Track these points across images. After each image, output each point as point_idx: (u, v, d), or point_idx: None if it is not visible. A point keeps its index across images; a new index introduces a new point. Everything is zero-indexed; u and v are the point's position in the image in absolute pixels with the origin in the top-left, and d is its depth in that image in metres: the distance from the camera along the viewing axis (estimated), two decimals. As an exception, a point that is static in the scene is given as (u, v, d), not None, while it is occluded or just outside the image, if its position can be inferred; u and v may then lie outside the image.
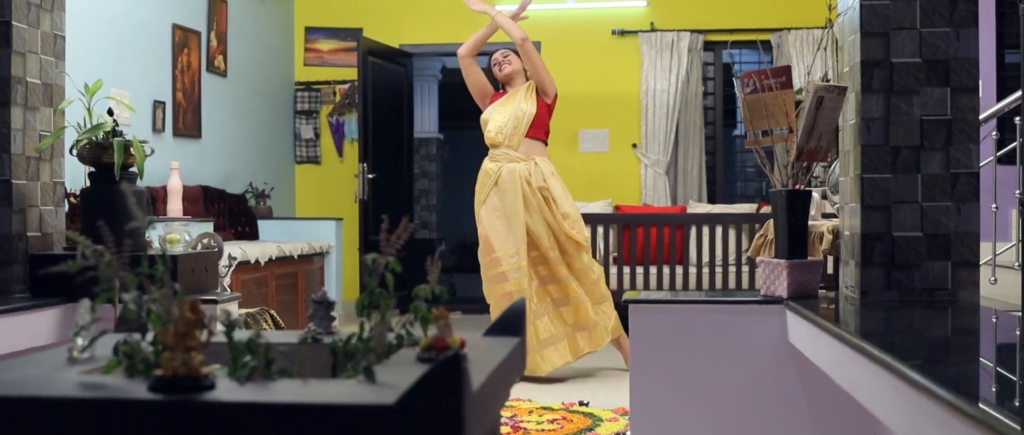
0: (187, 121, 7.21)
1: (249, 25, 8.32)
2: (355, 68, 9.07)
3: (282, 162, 9.11)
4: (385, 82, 8.83)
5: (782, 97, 3.35)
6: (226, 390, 1.59)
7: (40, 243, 3.69)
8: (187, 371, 1.59)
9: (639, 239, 7.31)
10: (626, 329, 5.67)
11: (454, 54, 10.12)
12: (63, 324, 3.49)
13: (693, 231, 7.30)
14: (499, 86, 6.01)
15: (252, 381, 1.68)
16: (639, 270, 7.25)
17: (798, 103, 7.75)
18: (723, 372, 3.33)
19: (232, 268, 4.90)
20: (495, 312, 5.47)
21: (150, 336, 1.90)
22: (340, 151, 9.32)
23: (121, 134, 3.54)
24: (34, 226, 3.66)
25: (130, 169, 3.57)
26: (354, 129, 9.22)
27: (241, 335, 1.83)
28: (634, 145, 9.03)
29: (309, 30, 9.36)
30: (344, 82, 9.28)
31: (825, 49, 8.61)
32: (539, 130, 5.73)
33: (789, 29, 8.84)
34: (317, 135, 9.34)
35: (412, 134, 9.46)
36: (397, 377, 1.71)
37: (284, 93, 9.18)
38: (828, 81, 8.26)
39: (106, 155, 3.50)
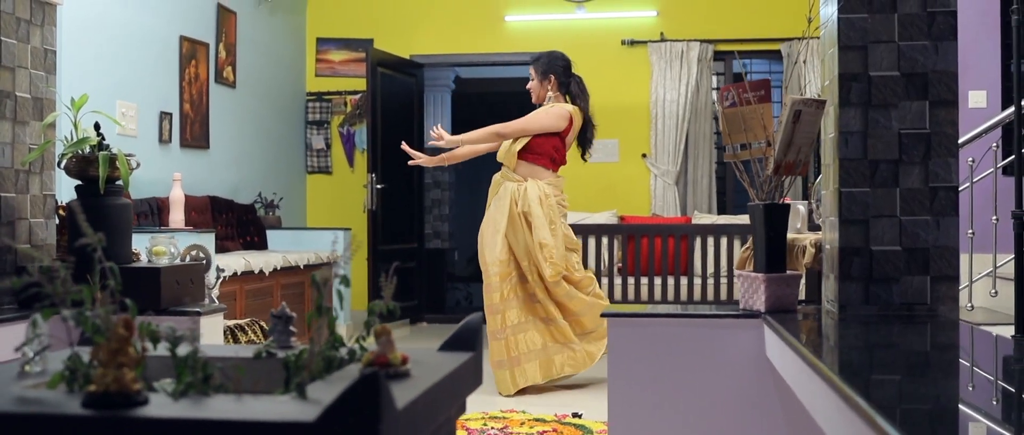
0: (195, 132, 7.27)
1: (260, 36, 8.38)
2: (365, 78, 9.11)
3: (293, 172, 9.16)
4: (395, 93, 8.88)
5: (760, 111, 3.35)
6: (157, 406, 1.61)
7: (30, 255, 3.74)
8: (119, 387, 1.61)
9: (643, 250, 7.31)
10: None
11: (465, 65, 10.20)
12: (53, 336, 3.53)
13: (698, 242, 7.29)
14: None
15: (187, 397, 1.71)
16: (644, 281, 7.25)
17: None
18: (701, 386, 3.33)
19: (221, 280, 4.94)
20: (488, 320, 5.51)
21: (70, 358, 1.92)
22: (351, 161, 9.37)
23: (107, 148, 3.58)
24: (24, 238, 3.71)
25: (116, 182, 3.61)
26: (365, 139, 9.26)
27: (183, 351, 1.86)
28: (643, 155, 9.03)
29: (320, 41, 9.42)
30: (355, 92, 9.33)
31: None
32: (540, 157, 5.75)
33: (800, 39, 8.81)
34: (328, 145, 9.39)
35: (422, 144, 9.49)
36: (330, 393, 1.73)
37: (295, 104, 9.23)
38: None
39: (91, 168, 3.55)
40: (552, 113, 5.79)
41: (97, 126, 3.62)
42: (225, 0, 7.72)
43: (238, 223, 7.54)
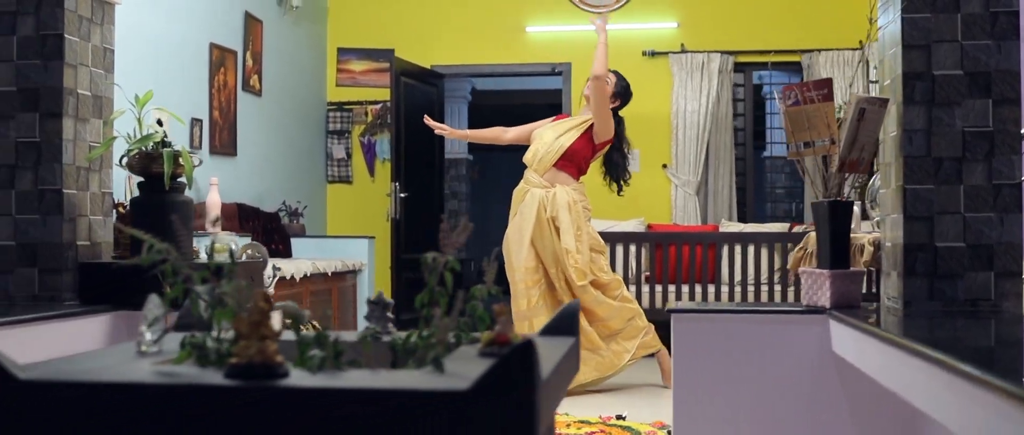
0: (223, 139, 7.29)
1: (284, 45, 8.42)
2: (386, 88, 9.15)
3: (314, 181, 9.18)
4: (417, 102, 8.90)
5: (823, 109, 3.38)
6: (301, 378, 1.63)
7: (89, 252, 3.75)
8: (263, 358, 1.63)
9: (671, 258, 7.33)
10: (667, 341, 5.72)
11: (483, 75, 10.24)
12: (112, 331, 3.55)
13: (725, 250, 7.31)
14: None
15: (323, 371, 1.72)
16: (671, 288, 7.27)
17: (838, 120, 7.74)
18: (765, 382, 3.35)
19: (276, 279, 4.96)
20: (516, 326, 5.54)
21: (216, 332, 1.94)
22: (371, 171, 9.39)
23: (170, 145, 3.60)
24: (83, 235, 3.72)
25: (178, 179, 3.63)
26: (386, 149, 9.29)
27: (307, 331, 1.88)
28: (664, 166, 9.06)
29: (341, 51, 9.45)
30: (376, 102, 9.36)
31: (863, 65, 8.63)
32: (570, 164, 5.80)
33: (820, 50, 8.86)
34: (349, 155, 9.41)
35: (443, 154, 9.52)
36: (464, 369, 1.74)
37: (316, 113, 9.26)
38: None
39: (155, 165, 3.57)
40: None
41: (159, 123, 3.64)
42: (252, 8, 7.76)
43: (264, 230, 7.55)
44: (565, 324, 2.29)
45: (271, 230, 7.69)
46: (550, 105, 12.33)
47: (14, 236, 3.62)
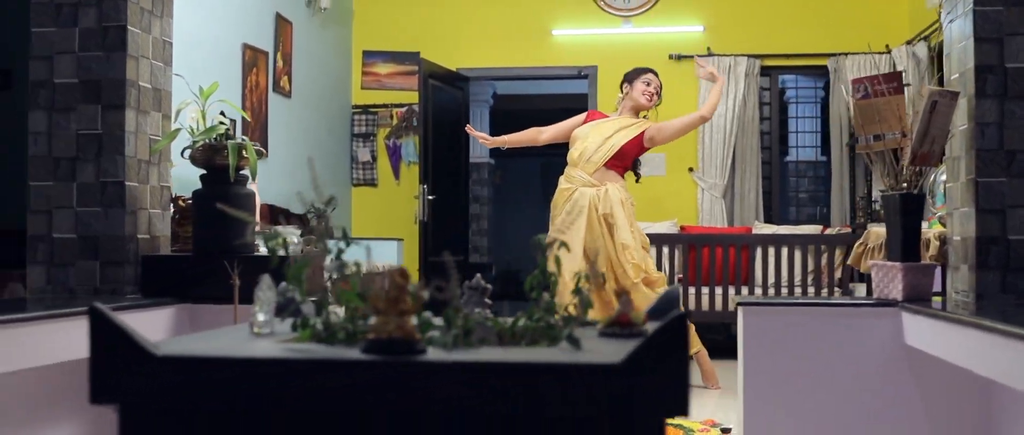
0: (255, 140, 7.27)
1: (312, 47, 8.41)
2: (411, 92, 9.14)
3: (339, 184, 9.17)
4: (444, 105, 8.90)
5: (894, 102, 3.36)
6: (441, 354, 1.61)
7: (148, 246, 3.73)
8: (402, 334, 1.61)
9: (704, 259, 7.31)
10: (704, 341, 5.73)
11: (507, 79, 10.22)
12: (176, 323, 3.53)
13: (758, 252, 7.29)
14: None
15: (457, 348, 1.70)
16: (705, 290, 7.24)
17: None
18: (835, 374, 3.32)
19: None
20: None
21: (335, 312, 1.92)
22: (396, 174, 9.38)
23: (233, 137, 3.59)
24: (144, 229, 3.71)
25: (241, 172, 3.61)
26: (411, 152, 9.27)
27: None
28: (690, 169, 9.04)
29: (366, 54, 9.44)
30: (401, 105, 9.35)
31: (891, 69, 8.61)
32: (619, 163, 5.80)
33: (846, 54, 8.85)
34: (374, 158, 9.40)
35: (469, 157, 9.51)
36: (596, 346, 1.72)
37: (342, 116, 9.25)
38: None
39: (219, 157, 3.55)
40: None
41: (222, 114, 3.63)
42: (283, 9, 7.75)
43: (294, 232, 7.53)
44: (666, 310, 2.27)
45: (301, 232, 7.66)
46: (572, 109, 12.34)
47: (75, 229, 3.61)
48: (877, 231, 4.06)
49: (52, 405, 3.23)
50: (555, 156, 14.82)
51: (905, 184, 3.32)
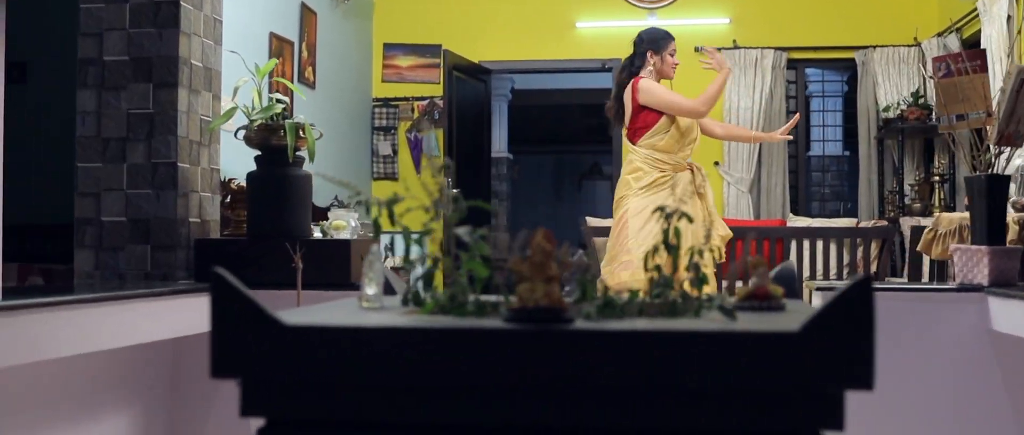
0: (281, 131, 7.16)
1: (334, 39, 8.29)
2: (432, 84, 9.03)
3: (360, 177, 9.05)
4: (467, 98, 8.79)
5: (978, 80, 3.25)
6: (592, 324, 1.49)
7: (199, 229, 3.62)
8: (550, 301, 1.49)
9: (738, 253, 7.19)
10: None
11: (529, 72, 10.11)
12: (231, 309, 3.41)
13: (793, 245, 7.18)
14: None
15: (602, 318, 1.59)
16: (738, 285, 7.13)
17: (888, 121, 7.56)
18: (919, 361, 3.21)
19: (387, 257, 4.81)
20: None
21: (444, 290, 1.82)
22: (418, 167, 9.26)
23: (291, 117, 3.47)
24: (195, 212, 3.59)
25: (298, 153, 3.50)
26: (433, 145, 9.16)
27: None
28: (716, 163, 8.93)
29: (387, 46, 9.32)
30: (422, 98, 9.23)
31: (919, 62, 8.51)
32: (630, 132, 5.39)
33: (874, 47, 8.74)
34: (395, 151, 9.28)
35: (490, 151, 9.40)
36: (744, 319, 1.61)
37: (363, 108, 9.13)
38: (923, 98, 8.17)
39: (275, 138, 3.43)
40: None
41: (278, 91, 3.51)
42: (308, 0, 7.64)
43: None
44: (787, 283, 2.16)
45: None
46: (594, 106, 12.20)
47: (125, 211, 3.49)
48: (948, 216, 3.95)
49: (105, 391, 3.11)
50: (567, 153, 14.75)
51: (995, 165, 3.21)
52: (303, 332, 1.47)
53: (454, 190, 2.03)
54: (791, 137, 5.80)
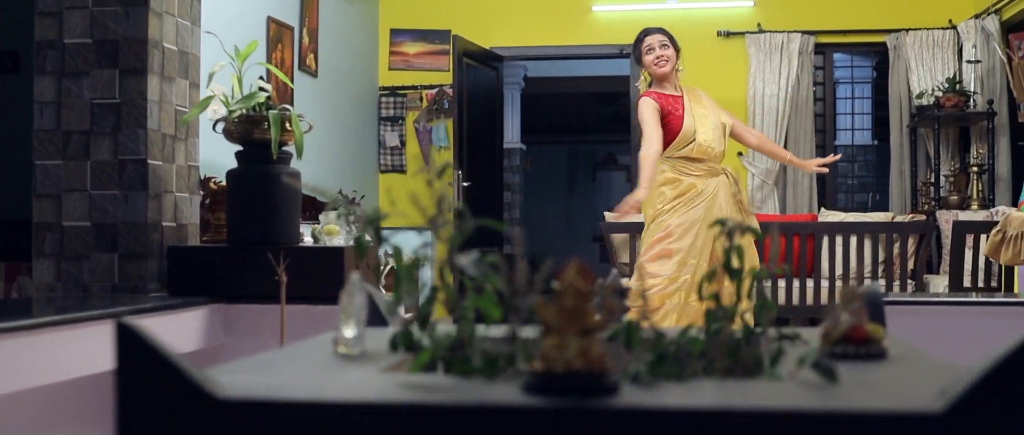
0: (280, 122, 6.75)
1: (338, 24, 7.87)
2: (441, 72, 8.61)
3: (366, 170, 8.63)
4: (478, 85, 8.36)
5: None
6: (643, 394, 1.08)
7: (175, 235, 3.21)
8: (587, 364, 1.07)
9: (766, 249, 6.76)
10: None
11: (543, 58, 9.65)
12: (207, 327, 3.00)
13: (825, 241, 6.74)
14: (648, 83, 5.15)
15: (654, 380, 1.17)
16: (767, 283, 6.70)
17: (922, 109, 7.11)
18: None
19: (389, 265, 4.40)
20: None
21: (438, 328, 1.42)
22: (427, 160, 8.83)
23: (275, 107, 3.05)
24: (170, 215, 3.18)
25: (285, 148, 3.08)
26: (442, 136, 8.74)
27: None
28: (740, 154, 8.48)
29: (394, 32, 8.90)
30: (431, 87, 8.80)
31: (955, 45, 8.05)
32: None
33: (907, 30, 8.28)
34: (403, 143, 8.85)
35: (502, 142, 8.98)
36: (844, 376, 1.19)
37: (368, 98, 8.71)
38: (959, 84, 7.71)
39: (258, 130, 3.02)
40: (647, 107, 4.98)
41: (263, 79, 3.09)
42: (309, -18, 7.22)
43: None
44: (876, 314, 1.74)
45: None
46: (610, 94, 11.78)
47: (89, 215, 3.08)
48: (1019, 216, 3.52)
49: (52, 429, 2.71)
50: (581, 143, 14.31)
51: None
52: (240, 409, 1.05)
53: (459, 204, 1.58)
54: (826, 170, 5.40)
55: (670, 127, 4.90)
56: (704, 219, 4.72)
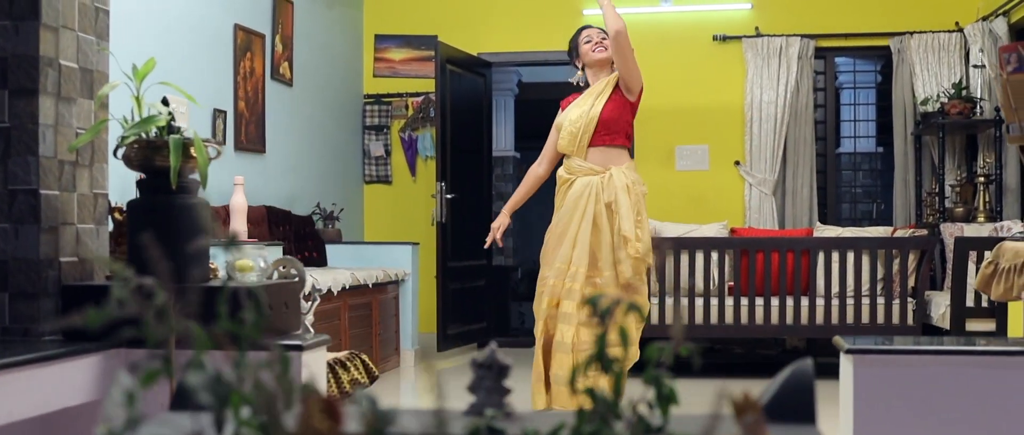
0: (250, 134, 6.45)
1: (316, 30, 7.57)
2: (428, 79, 8.30)
3: (350, 182, 8.33)
4: (464, 93, 8.05)
5: (1059, 77, 2.49)
6: None
7: (76, 271, 2.91)
8: None
9: (758, 266, 6.43)
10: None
11: (533, 64, 9.35)
12: (101, 378, 2.70)
13: (821, 257, 6.41)
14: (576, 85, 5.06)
15: None
16: (759, 301, 6.37)
17: (926, 116, 6.77)
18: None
19: (316, 303, 4.10)
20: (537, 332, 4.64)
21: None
22: (413, 170, 8.54)
23: (179, 130, 2.75)
24: (69, 249, 2.88)
25: (190, 176, 2.78)
26: (429, 146, 8.44)
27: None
28: (737, 163, 8.15)
29: (379, 38, 8.60)
30: (417, 94, 8.50)
31: (962, 49, 7.70)
32: (616, 135, 4.68)
33: (912, 33, 7.93)
34: (388, 152, 8.55)
35: (491, 150, 8.67)
36: None
37: (352, 107, 8.41)
38: (965, 89, 7.36)
39: (159, 157, 2.72)
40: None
41: (165, 102, 2.79)
42: (282, -13, 6.92)
43: (296, 237, 6.72)
44: (797, 401, 1.43)
45: (304, 236, 6.86)
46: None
47: (-23, 251, 2.78)
48: (1012, 247, 3.18)
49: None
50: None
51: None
52: None
53: (280, 251, 1.30)
54: None
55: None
56: (557, 222, 4.68)
